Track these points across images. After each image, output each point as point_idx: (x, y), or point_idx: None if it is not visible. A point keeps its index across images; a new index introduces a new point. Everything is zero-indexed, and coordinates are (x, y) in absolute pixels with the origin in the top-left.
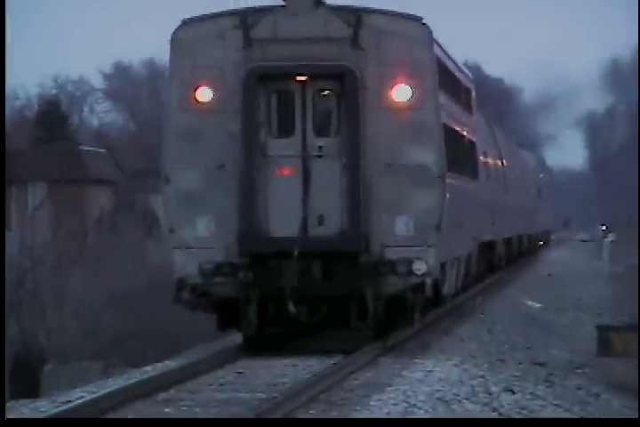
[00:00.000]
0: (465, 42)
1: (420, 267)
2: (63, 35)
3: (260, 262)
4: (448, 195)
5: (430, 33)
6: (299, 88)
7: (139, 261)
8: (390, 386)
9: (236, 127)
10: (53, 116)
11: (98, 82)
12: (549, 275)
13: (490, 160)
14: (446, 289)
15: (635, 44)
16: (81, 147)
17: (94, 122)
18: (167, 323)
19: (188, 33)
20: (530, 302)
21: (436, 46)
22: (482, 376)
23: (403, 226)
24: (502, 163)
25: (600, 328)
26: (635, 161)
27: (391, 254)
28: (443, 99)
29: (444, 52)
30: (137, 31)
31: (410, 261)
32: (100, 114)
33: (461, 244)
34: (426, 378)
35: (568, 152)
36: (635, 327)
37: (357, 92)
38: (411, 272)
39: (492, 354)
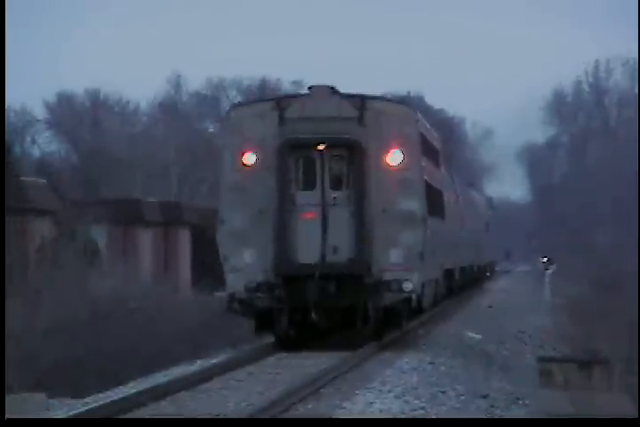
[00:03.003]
0: (408, 72)
1: (407, 286)
2: (5, 64)
3: (290, 282)
4: (428, 232)
5: (416, 114)
6: (319, 154)
7: (80, 292)
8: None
9: (272, 183)
10: None
11: (40, 111)
12: (490, 307)
13: (451, 202)
14: (426, 302)
15: (576, 75)
16: (22, 178)
17: (36, 152)
18: (109, 353)
19: (238, 113)
20: (471, 334)
21: (419, 123)
22: (423, 408)
23: (395, 256)
24: (459, 203)
25: (541, 360)
26: (575, 193)
27: (387, 276)
28: (424, 161)
29: (425, 125)
30: (80, 61)
31: (400, 282)
32: (42, 144)
33: (434, 269)
34: (367, 409)
35: (508, 183)
36: (575, 360)
37: (362, 158)
38: (401, 290)
39: (434, 386)
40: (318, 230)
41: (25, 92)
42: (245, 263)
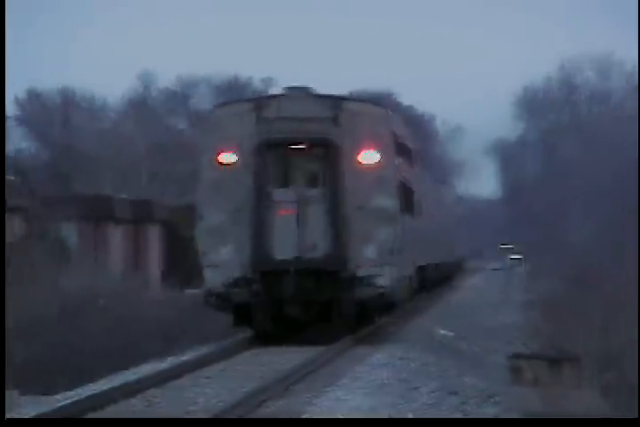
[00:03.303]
0: (378, 69)
1: (381, 281)
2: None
3: (267, 277)
4: (401, 229)
5: (389, 115)
6: (295, 153)
7: (51, 289)
8: (303, 414)
9: (250, 181)
10: None
11: (10, 108)
12: (461, 303)
13: (422, 200)
14: (399, 298)
15: (545, 72)
16: None
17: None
18: (79, 350)
19: (217, 113)
20: (443, 331)
21: (392, 123)
22: (394, 405)
23: (370, 252)
24: (431, 201)
25: (511, 357)
26: (546, 189)
27: (361, 272)
28: (397, 160)
29: (398, 125)
30: (51, 57)
31: (374, 277)
32: (13, 141)
33: (407, 265)
34: (338, 406)
35: (479, 180)
36: (545, 357)
37: (337, 157)
38: (375, 285)
39: (405, 382)
40: (294, 227)
41: None
42: (223, 259)
